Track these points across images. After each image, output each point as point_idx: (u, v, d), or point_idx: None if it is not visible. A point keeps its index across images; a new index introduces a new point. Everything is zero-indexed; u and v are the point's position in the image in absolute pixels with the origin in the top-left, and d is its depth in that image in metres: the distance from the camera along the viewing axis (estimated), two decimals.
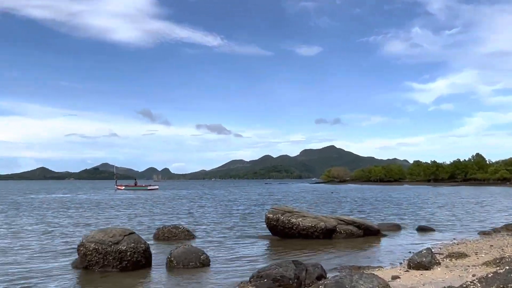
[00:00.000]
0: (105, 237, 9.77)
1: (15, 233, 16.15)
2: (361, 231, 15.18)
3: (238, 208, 29.64)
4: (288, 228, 14.70)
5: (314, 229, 14.56)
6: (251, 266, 10.21)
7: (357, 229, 15.18)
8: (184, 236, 14.78)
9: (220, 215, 23.90)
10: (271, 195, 53.22)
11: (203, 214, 24.75)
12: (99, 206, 32.10)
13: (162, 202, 37.54)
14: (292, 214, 14.95)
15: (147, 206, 31.50)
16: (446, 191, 62.86)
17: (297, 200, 40.95)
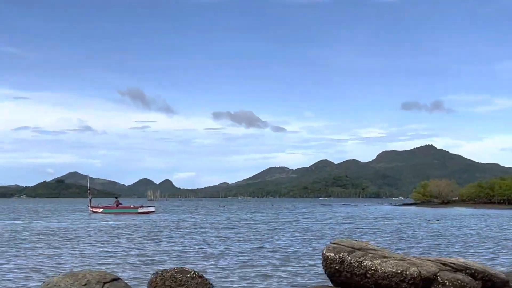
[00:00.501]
0: (75, 284, 10.03)
1: None
2: (477, 283, 14.89)
3: (278, 242, 29.67)
4: (359, 275, 14.58)
5: (400, 277, 14.38)
6: None
7: (471, 280, 14.89)
8: (196, 284, 14.92)
9: (250, 253, 24.01)
10: (330, 223, 53.00)
11: (224, 251, 24.94)
12: (65, 238, 32.90)
13: (160, 232, 38.07)
14: (365, 253, 14.83)
15: (138, 239, 32.02)
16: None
17: (372, 232, 40.61)
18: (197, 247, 27.03)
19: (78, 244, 28.96)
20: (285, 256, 22.86)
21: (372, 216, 72.35)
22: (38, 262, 20.95)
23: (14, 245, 27.73)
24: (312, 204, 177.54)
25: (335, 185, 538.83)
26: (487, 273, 15.27)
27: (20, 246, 27.50)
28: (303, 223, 50.93)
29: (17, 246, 27.23)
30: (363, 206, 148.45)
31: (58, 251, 25.06)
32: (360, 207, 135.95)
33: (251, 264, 20.25)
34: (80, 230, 40.58)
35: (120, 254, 23.79)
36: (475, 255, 23.38)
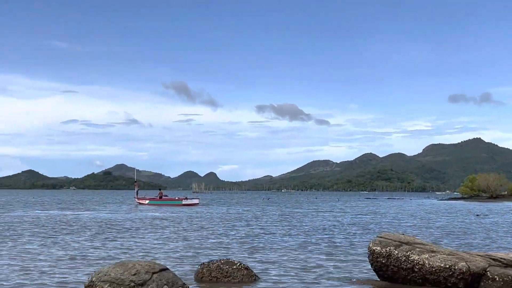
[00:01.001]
0: (125, 274, 10.20)
1: None
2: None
3: (324, 235, 29.60)
4: (406, 270, 14.45)
5: (449, 272, 14.20)
6: None
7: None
8: (242, 276, 15.03)
9: (294, 246, 24.00)
10: (375, 216, 52.58)
11: (268, 244, 25.00)
12: (113, 228, 33.49)
13: (204, 224, 38.38)
14: (412, 247, 14.68)
15: (182, 230, 32.37)
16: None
17: (419, 226, 40.12)
18: (241, 239, 27.16)
19: (125, 234, 29.46)
20: (331, 250, 22.79)
21: (419, 210, 71.41)
22: (87, 252, 21.39)
23: (64, 236, 28.36)
24: (356, 197, 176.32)
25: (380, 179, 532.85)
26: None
27: (69, 236, 28.10)
28: (348, 217, 50.61)
29: (66, 237, 27.85)
30: (409, 200, 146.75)
31: (106, 242, 25.54)
32: (406, 201, 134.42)
33: (296, 257, 20.24)
34: (126, 221, 41.24)
35: (165, 245, 24.11)
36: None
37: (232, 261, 15.82)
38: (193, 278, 15.06)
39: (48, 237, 27.14)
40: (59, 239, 26.23)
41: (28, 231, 30.57)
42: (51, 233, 29.47)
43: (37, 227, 33.97)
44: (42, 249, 22.13)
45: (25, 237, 27.04)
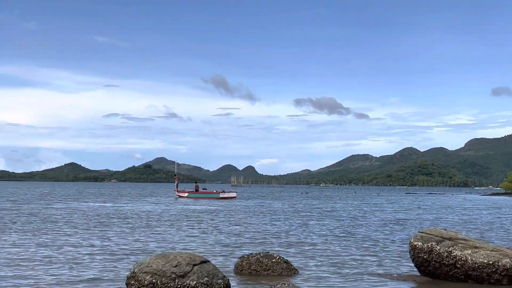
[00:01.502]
0: (166, 265, 10.31)
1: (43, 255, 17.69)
2: None
3: (363, 230, 29.43)
4: (448, 266, 14.27)
5: (492, 268, 13.97)
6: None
7: None
8: (281, 269, 15.05)
9: (334, 240, 23.92)
10: (416, 211, 52.03)
11: (307, 238, 24.97)
12: (153, 220, 33.88)
13: (242, 217, 38.53)
14: (454, 243, 14.48)
15: (220, 223, 32.55)
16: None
17: (461, 221, 39.57)
18: (279, 233, 27.17)
19: (165, 226, 29.77)
20: (371, 245, 22.64)
21: (461, 205, 70.44)
22: (128, 244, 21.68)
23: (105, 228, 28.80)
24: (396, 192, 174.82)
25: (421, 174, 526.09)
26: None
27: (111, 228, 28.52)
28: (388, 212, 50.20)
29: (107, 229, 28.26)
30: (451, 195, 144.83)
31: (147, 233, 25.86)
32: (448, 196, 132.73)
33: (336, 252, 20.16)
34: (167, 213, 41.66)
35: (204, 238, 24.29)
36: None
37: (271, 254, 15.85)
38: (233, 271, 15.14)
39: (90, 229, 27.58)
40: (100, 231, 26.63)
41: (70, 223, 31.13)
42: (93, 225, 29.94)
43: (79, 219, 34.56)
44: (83, 241, 22.50)
45: (67, 229, 27.53)
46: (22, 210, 42.75)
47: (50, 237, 23.20)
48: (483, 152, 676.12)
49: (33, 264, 16.06)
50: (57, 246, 20.33)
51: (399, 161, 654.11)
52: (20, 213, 38.86)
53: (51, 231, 26.09)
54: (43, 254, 18.24)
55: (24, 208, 45.65)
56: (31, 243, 21.14)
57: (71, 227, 28.52)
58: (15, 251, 18.79)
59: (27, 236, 23.41)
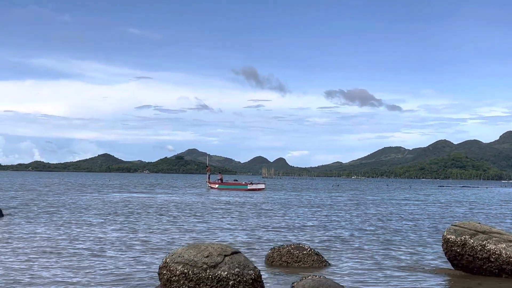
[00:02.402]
0: (198, 256, 10.35)
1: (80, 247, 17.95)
2: None
3: (396, 224, 29.21)
4: (482, 259, 14.08)
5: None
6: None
7: None
8: (312, 261, 15.02)
9: (366, 234, 23.79)
10: (449, 205, 51.47)
11: (338, 230, 24.89)
12: (186, 211, 34.11)
13: (271, 208, 38.56)
14: (489, 237, 14.27)
15: (250, 214, 32.61)
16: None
17: (496, 215, 39.01)
18: (309, 225, 27.12)
19: (197, 217, 29.94)
20: (404, 238, 22.46)
21: (496, 198, 69.47)
22: (161, 234, 21.87)
23: (138, 218, 29.09)
24: (430, 185, 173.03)
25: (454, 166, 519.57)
26: None
27: (144, 218, 28.79)
28: (421, 205, 49.74)
29: (141, 218, 28.54)
30: (485, 188, 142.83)
31: (179, 224, 26.06)
32: (482, 189, 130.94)
33: (367, 245, 20.03)
34: (198, 204, 41.90)
35: (235, 229, 24.39)
36: None
37: (302, 246, 15.83)
38: (264, 262, 15.15)
39: (124, 219, 27.89)
40: (134, 221, 26.91)
41: (104, 213, 31.50)
42: (127, 215, 30.27)
43: (113, 209, 34.95)
44: (117, 231, 22.76)
45: (102, 219, 27.87)
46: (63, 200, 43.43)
47: (85, 228, 23.53)
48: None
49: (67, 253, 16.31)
50: (94, 237, 20.61)
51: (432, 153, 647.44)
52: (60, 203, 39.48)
53: (85, 222, 26.45)
54: (79, 243, 18.51)
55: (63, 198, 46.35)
56: (64, 233, 21.47)
57: (105, 217, 28.85)
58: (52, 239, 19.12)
59: (59, 227, 23.79)
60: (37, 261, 14.73)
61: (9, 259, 14.99)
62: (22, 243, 18.03)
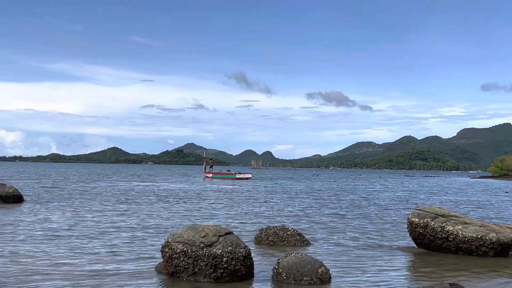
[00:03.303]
0: (196, 236, 10.40)
1: (92, 230, 17.93)
2: None
3: (366, 208, 29.37)
4: (441, 239, 14.24)
5: (480, 242, 13.91)
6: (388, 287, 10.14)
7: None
8: (295, 241, 15.13)
9: (340, 217, 23.92)
10: (413, 191, 51.77)
11: (318, 214, 25.00)
12: (184, 197, 34.10)
13: (257, 195, 38.64)
14: (447, 219, 14.43)
15: (240, 200, 32.68)
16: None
17: (453, 200, 39.29)
18: (292, 210, 27.24)
19: (194, 202, 29.96)
20: (374, 221, 22.62)
21: (453, 186, 69.91)
22: (163, 217, 21.89)
23: (142, 203, 29.06)
24: (396, 175, 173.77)
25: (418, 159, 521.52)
26: None
27: (147, 204, 28.78)
28: (389, 192, 50.01)
29: (145, 204, 28.52)
30: (444, 177, 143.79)
31: (179, 208, 26.07)
32: (441, 178, 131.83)
33: (342, 227, 20.17)
34: (196, 191, 41.90)
35: (227, 212, 24.44)
36: None
37: (287, 227, 15.93)
38: (253, 241, 15.24)
39: (129, 205, 27.86)
40: (138, 207, 26.90)
41: (113, 199, 31.45)
42: (132, 201, 30.24)
43: (121, 195, 34.90)
44: (123, 215, 22.77)
45: (110, 205, 27.82)
46: (76, 187, 43.31)
47: (96, 215, 23.51)
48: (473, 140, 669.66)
49: (77, 234, 16.32)
50: (105, 220, 20.60)
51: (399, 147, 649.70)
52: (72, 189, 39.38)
53: (96, 209, 26.42)
54: (89, 226, 18.51)
55: (77, 185, 46.22)
56: (76, 217, 21.46)
57: (114, 203, 28.82)
58: (66, 223, 19.10)
59: (72, 211, 23.76)
60: (51, 243, 14.73)
61: (26, 241, 14.98)
62: (38, 225, 18.02)
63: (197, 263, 10.23)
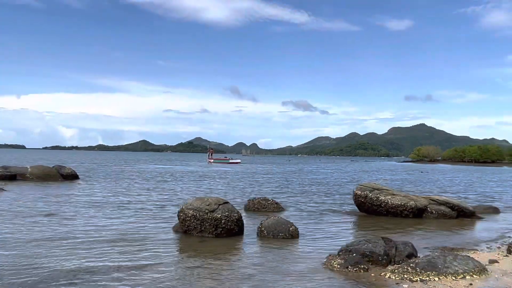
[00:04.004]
0: (202, 205, 10.37)
1: (127, 200, 17.80)
2: (454, 213, 14.31)
3: (326, 184, 29.47)
4: (376, 206, 14.34)
5: (403, 207, 14.04)
6: (339, 241, 10.19)
7: (450, 210, 14.33)
8: (273, 208, 15.14)
9: (304, 191, 23.97)
10: (357, 172, 52.05)
11: (290, 188, 25.03)
12: (194, 176, 33.98)
13: (246, 176, 38.63)
14: (380, 192, 14.53)
15: (234, 179, 32.65)
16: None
17: (385, 177, 39.57)
18: (271, 185, 27.26)
19: (201, 180, 29.87)
20: (330, 193, 22.71)
21: (385, 168, 70.36)
22: (178, 190, 21.79)
23: (164, 180, 28.90)
24: (345, 160, 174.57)
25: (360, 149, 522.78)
26: (461, 206, 14.66)
27: (167, 181, 28.62)
28: (341, 172, 50.22)
29: (166, 181, 28.36)
30: (379, 162, 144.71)
31: (189, 184, 25.97)
32: (377, 162, 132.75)
33: (308, 198, 20.19)
34: (202, 172, 41.77)
35: (225, 187, 24.38)
36: (452, 194, 22.33)
37: (267, 198, 15.92)
38: (243, 209, 15.21)
39: (156, 181, 27.69)
40: (161, 183, 26.75)
41: (143, 178, 31.22)
42: (159, 179, 30.07)
43: (150, 175, 34.66)
44: (150, 190, 22.60)
45: (141, 182, 27.59)
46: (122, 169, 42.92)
47: (131, 189, 23.32)
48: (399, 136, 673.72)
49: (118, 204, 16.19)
50: (135, 194, 20.42)
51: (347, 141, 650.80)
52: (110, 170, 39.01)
53: (128, 182, 26.21)
54: (126, 197, 18.36)
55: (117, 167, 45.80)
56: (117, 191, 21.26)
57: (143, 180, 28.58)
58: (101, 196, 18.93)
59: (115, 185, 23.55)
60: (97, 209, 14.61)
61: (81, 209, 14.83)
62: (88, 196, 17.86)
63: (203, 223, 10.20)
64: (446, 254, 7.63)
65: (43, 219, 12.10)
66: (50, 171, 25.42)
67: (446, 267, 7.11)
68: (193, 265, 7.84)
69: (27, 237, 9.69)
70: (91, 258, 8.02)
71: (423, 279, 6.93)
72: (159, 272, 7.31)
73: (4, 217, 12.18)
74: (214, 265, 7.88)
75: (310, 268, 7.82)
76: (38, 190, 19.79)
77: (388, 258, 7.85)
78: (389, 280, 7.05)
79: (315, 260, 8.29)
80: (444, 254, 7.72)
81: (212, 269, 7.62)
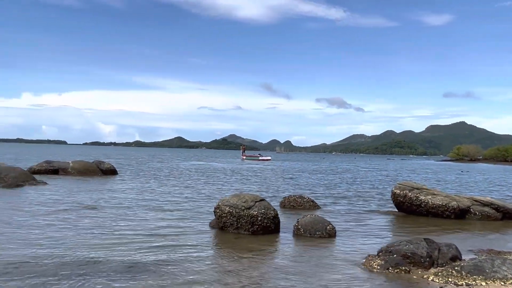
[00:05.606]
0: (239, 202, 10.38)
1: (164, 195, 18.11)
2: (499, 214, 13.67)
3: (362, 182, 28.95)
4: (416, 206, 13.92)
5: (444, 208, 13.55)
6: (378, 241, 9.94)
7: (494, 212, 13.71)
8: (309, 206, 14.98)
9: (343, 190, 23.61)
10: (395, 170, 50.84)
11: (325, 187, 24.73)
12: (228, 173, 34.20)
13: (281, 172, 38.48)
14: (420, 191, 14.08)
15: (265, 176, 32.58)
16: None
17: (425, 177, 38.43)
18: (307, 182, 27.02)
19: (236, 176, 30.01)
20: (368, 192, 22.27)
21: (423, 167, 68.39)
22: (214, 188, 21.96)
23: (201, 177, 29.22)
24: (381, 159, 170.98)
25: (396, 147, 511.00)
26: (507, 207, 14.01)
27: (204, 177, 28.91)
28: (378, 170, 49.23)
29: (202, 177, 28.64)
30: (416, 160, 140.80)
31: (225, 181, 26.12)
32: (414, 161, 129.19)
33: (345, 196, 19.89)
34: (237, 169, 42.01)
35: (260, 185, 24.35)
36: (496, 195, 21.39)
37: (303, 196, 15.78)
38: (279, 206, 15.14)
39: (191, 178, 28.04)
40: (198, 178, 27.05)
41: (179, 174, 31.65)
42: (193, 176, 30.45)
43: (186, 172, 35.15)
44: (187, 187, 22.89)
45: (178, 178, 27.99)
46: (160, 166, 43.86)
47: (166, 184, 23.71)
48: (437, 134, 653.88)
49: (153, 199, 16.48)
50: (168, 190, 20.71)
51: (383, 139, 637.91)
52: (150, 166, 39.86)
53: (164, 178, 26.65)
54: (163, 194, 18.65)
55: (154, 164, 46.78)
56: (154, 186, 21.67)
57: (184, 175, 28.99)
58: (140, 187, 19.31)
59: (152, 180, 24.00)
60: (138, 206, 14.91)
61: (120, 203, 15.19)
62: (127, 190, 18.27)
63: (240, 220, 10.21)
64: (494, 258, 7.27)
65: (84, 211, 12.49)
66: (91, 166, 26.22)
67: (494, 272, 6.78)
68: (229, 261, 7.85)
69: (69, 229, 10.01)
70: (130, 252, 8.18)
71: (469, 283, 6.63)
72: (195, 267, 7.37)
73: (46, 209, 12.65)
74: (250, 262, 7.86)
75: (349, 268, 7.66)
76: (79, 184, 20.46)
77: (430, 260, 7.57)
78: (432, 283, 6.79)
79: (354, 260, 8.12)
80: (492, 257, 7.36)
81: (248, 266, 7.60)
